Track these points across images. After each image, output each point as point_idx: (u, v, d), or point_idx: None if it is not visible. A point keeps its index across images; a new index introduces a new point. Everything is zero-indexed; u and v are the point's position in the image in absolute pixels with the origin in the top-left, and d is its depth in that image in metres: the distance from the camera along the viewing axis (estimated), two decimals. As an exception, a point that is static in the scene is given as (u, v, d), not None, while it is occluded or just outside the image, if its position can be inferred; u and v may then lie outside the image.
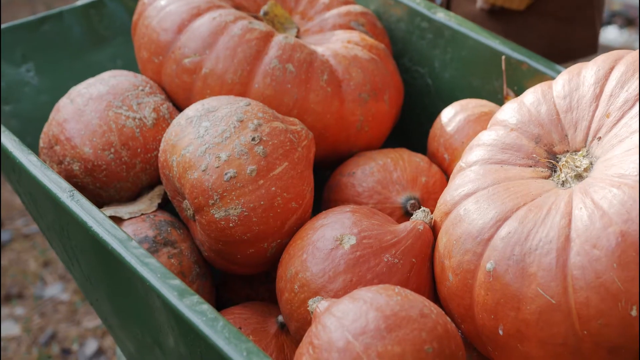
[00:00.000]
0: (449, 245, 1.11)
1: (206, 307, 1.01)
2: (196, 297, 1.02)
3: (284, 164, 1.23)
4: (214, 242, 1.25)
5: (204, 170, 1.20)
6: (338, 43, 1.52)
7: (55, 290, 2.68)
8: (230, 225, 1.20)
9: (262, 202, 1.20)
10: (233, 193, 1.19)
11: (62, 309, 2.62)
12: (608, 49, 4.02)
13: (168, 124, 1.41)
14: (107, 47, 1.73)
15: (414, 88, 1.71)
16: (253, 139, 1.21)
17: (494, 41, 1.55)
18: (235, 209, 1.20)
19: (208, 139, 1.22)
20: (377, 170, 1.40)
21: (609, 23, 4.13)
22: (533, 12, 1.74)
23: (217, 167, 1.20)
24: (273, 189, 1.21)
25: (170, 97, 1.47)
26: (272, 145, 1.22)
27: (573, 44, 1.56)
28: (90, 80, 1.46)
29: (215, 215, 1.20)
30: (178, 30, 1.45)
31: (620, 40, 4.04)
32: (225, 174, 1.19)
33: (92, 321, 2.56)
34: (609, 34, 4.07)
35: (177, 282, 1.05)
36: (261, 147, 1.21)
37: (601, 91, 1.11)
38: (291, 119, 1.34)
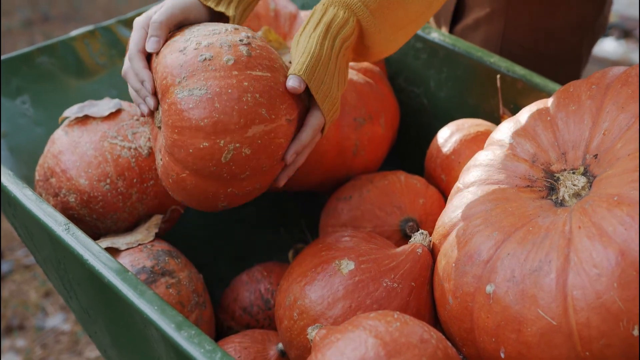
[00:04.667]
0: (447, 268, 1.10)
1: (204, 338, 1.00)
2: (194, 329, 1.01)
3: (266, 73, 1.16)
4: (170, 132, 1.16)
5: (181, 51, 1.16)
6: (332, 66, 1.51)
7: (57, 320, 2.66)
8: (190, 106, 1.13)
9: (229, 91, 1.13)
10: (203, 74, 1.13)
11: (63, 339, 2.60)
12: (605, 61, 3.98)
13: (163, 153, 1.40)
14: (102, 76, 1.73)
15: (410, 108, 1.70)
16: (241, 40, 1.17)
17: (488, 60, 1.55)
18: (200, 89, 1.13)
19: (196, 35, 1.18)
20: (374, 194, 1.39)
21: (605, 35, 4.14)
22: (533, 54, 1.73)
23: (195, 49, 1.15)
24: (245, 84, 1.13)
25: (165, 125, 1.46)
26: (259, 55, 1.17)
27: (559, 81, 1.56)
28: (85, 111, 1.45)
29: (178, 96, 1.14)
30: (171, 58, 1.44)
31: (618, 52, 4.03)
32: (201, 55, 1.15)
33: (94, 351, 2.54)
34: (607, 46, 4.07)
35: (174, 313, 1.04)
36: (247, 48, 1.17)
37: (598, 109, 1.10)
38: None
